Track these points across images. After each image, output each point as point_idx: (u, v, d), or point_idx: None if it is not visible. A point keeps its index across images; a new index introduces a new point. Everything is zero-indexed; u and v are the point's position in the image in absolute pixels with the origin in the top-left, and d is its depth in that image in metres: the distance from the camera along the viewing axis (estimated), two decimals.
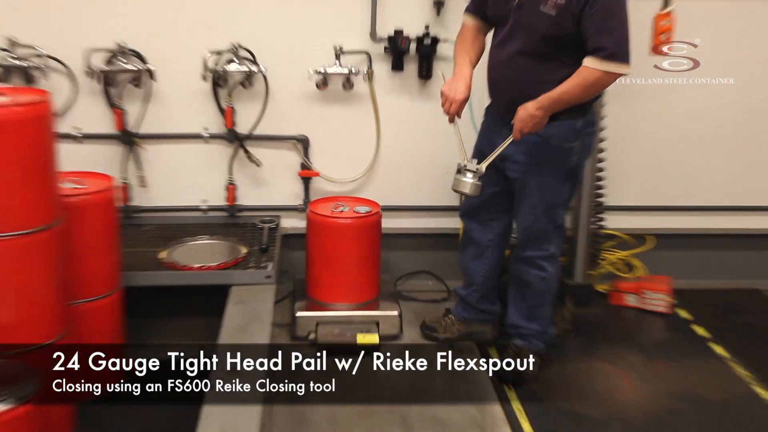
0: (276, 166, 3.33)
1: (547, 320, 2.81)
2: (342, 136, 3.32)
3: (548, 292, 2.77)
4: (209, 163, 3.31)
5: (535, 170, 2.56)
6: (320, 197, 3.27)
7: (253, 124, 3.24)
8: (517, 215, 2.66)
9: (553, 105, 2.39)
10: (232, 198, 3.32)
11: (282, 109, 3.26)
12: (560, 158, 2.54)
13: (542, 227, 2.64)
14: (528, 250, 2.69)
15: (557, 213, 2.64)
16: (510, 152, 2.55)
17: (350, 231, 3.01)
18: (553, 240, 2.67)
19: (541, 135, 2.47)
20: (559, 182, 2.58)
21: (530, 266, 2.71)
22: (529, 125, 2.43)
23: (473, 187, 2.53)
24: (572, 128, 2.50)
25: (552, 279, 2.74)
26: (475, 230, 2.86)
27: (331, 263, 3.02)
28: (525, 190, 2.59)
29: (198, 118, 3.24)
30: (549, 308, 2.80)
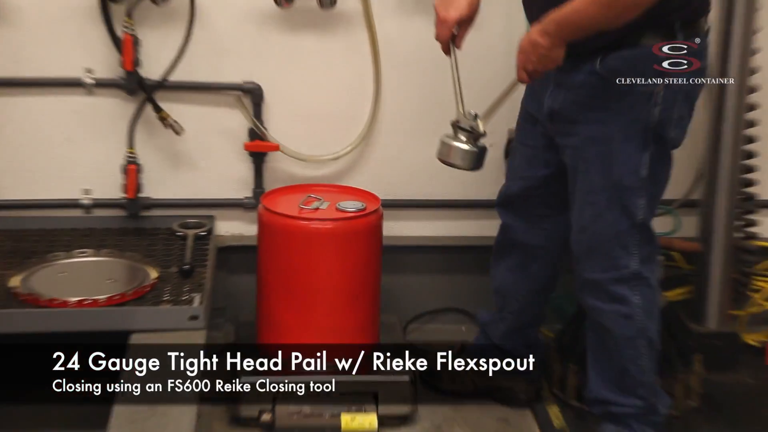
0: (207, 134, 3.23)
1: (653, 389, 2.73)
2: (317, 85, 3.24)
3: (643, 339, 2.69)
4: (95, 130, 3.21)
5: (593, 129, 2.55)
6: (281, 185, 3.15)
7: (169, 64, 3.13)
8: (572, 210, 2.70)
9: (563, 29, 2.44)
10: (134, 187, 3.21)
11: (218, 39, 3.17)
12: (632, 109, 2.51)
13: (610, 226, 2.59)
14: (592, 270, 2.65)
15: (635, 202, 2.59)
16: (554, 104, 2.61)
17: (331, 241, 2.90)
18: (633, 249, 2.62)
19: (600, 70, 2.50)
20: (632, 149, 2.54)
21: (600, 298, 2.66)
22: (534, 59, 2.49)
23: (466, 156, 2.60)
24: (649, 59, 2.47)
25: (644, 316, 2.67)
26: (516, 229, 2.89)
27: (299, 295, 2.91)
28: (580, 164, 2.61)
29: (75, 53, 3.16)
30: (652, 367, 2.72)
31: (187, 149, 3.25)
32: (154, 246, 3.13)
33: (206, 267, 3.00)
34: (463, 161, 2.61)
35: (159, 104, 3.13)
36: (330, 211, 2.91)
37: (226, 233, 3.31)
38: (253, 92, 3.15)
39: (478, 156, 2.62)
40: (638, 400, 2.75)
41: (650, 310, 2.69)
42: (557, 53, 2.49)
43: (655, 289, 2.71)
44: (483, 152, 2.63)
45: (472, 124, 2.61)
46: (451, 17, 2.62)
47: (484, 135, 2.61)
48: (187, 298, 2.80)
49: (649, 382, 2.73)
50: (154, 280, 2.89)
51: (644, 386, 2.74)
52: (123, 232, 3.22)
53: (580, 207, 2.66)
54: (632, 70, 2.51)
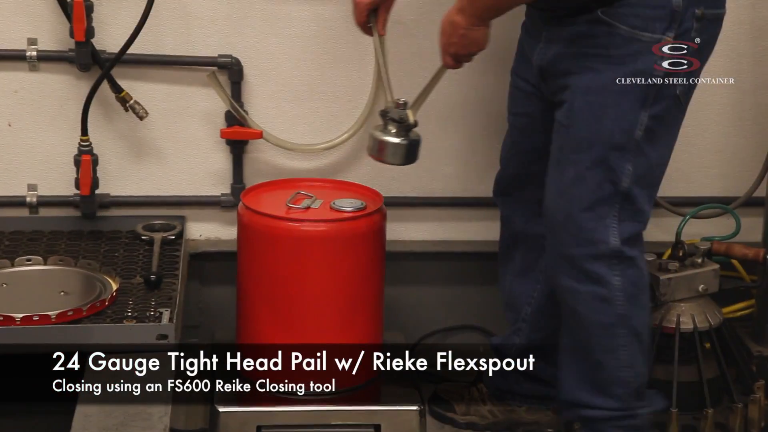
0: (176, 118, 3.23)
1: (636, 389, 2.75)
2: (307, 59, 3.23)
3: (623, 328, 2.71)
4: (41, 113, 3.20)
5: (586, 78, 2.60)
6: (265, 180, 3.15)
7: (129, 34, 3.08)
8: (550, 172, 2.74)
9: (476, 6, 2.57)
10: (89, 182, 3.18)
11: (188, 3, 3.18)
12: (635, 58, 2.58)
13: (592, 191, 2.64)
14: (566, 244, 2.70)
15: (622, 165, 2.63)
16: (542, 60, 2.68)
17: (325, 247, 2.90)
18: (612, 222, 2.66)
19: (604, 19, 2.55)
20: (629, 104, 2.59)
21: (574, 277, 2.71)
22: (455, 41, 2.61)
23: (396, 150, 2.71)
24: (662, 8, 2.55)
25: (625, 301, 2.69)
26: (517, 220, 2.95)
27: (287, 310, 2.91)
28: (567, 118, 2.66)
29: (16, 20, 3.14)
30: (636, 363, 2.74)
31: (152, 137, 3.22)
32: (113, 252, 3.10)
33: (176, 277, 2.99)
34: (393, 157, 2.73)
35: (118, 82, 3.07)
36: (323, 211, 2.90)
37: (199, 237, 3.30)
38: (230, 68, 3.12)
39: (409, 149, 2.73)
40: (614, 401, 2.74)
41: (634, 294, 2.70)
42: (478, 34, 2.61)
43: (642, 271, 2.73)
44: (415, 144, 2.73)
45: (402, 115, 2.72)
46: (362, 1, 2.74)
47: (415, 125, 2.72)
48: (154, 314, 2.80)
49: (628, 380, 2.74)
50: (115, 292, 2.85)
51: (623, 384, 2.73)
52: (76, 235, 3.18)
53: (561, 167, 2.69)
54: (637, 20, 2.56)
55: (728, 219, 3.16)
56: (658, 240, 3.26)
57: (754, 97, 3.30)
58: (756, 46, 3.17)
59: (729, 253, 3.06)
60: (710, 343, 2.95)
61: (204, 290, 3.31)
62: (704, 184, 3.28)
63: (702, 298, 2.95)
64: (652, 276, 2.95)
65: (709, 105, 3.22)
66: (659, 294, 2.92)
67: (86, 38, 3.03)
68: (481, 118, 3.24)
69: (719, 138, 3.26)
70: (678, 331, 2.91)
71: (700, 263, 2.96)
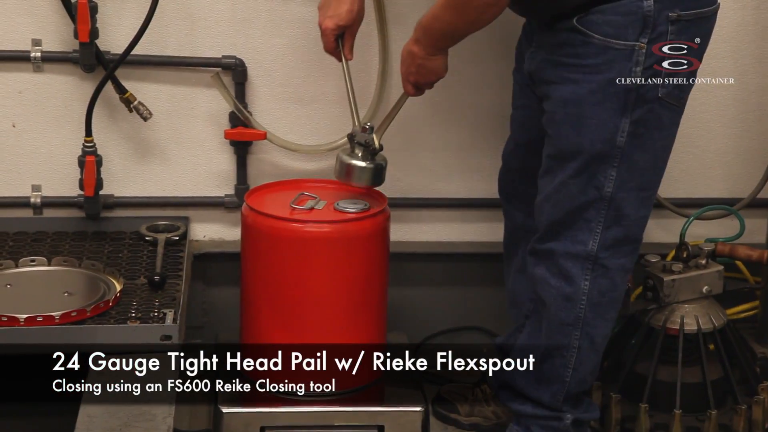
0: (181, 119, 3.23)
1: (575, 395, 2.81)
2: (311, 60, 3.21)
3: (579, 332, 2.76)
4: (45, 114, 3.19)
5: (564, 90, 2.64)
6: (269, 181, 3.13)
7: (133, 35, 3.07)
8: (539, 176, 2.79)
9: (430, 37, 2.66)
10: (93, 183, 3.17)
11: (192, 4, 3.16)
12: (609, 67, 2.60)
13: (574, 197, 2.68)
14: (548, 239, 2.76)
15: (604, 172, 2.66)
16: (531, 65, 2.72)
17: (329, 248, 2.89)
18: (596, 227, 2.70)
19: (579, 28, 2.58)
20: (608, 113, 2.61)
21: (549, 269, 2.76)
22: (413, 70, 2.71)
23: (362, 174, 2.82)
24: (633, 14, 2.57)
25: (588, 306, 2.73)
26: (518, 216, 2.97)
27: (291, 311, 2.91)
28: (551, 128, 2.71)
29: (20, 21, 3.13)
30: (583, 370, 2.79)
31: (156, 138, 3.21)
32: (117, 253, 3.09)
33: (180, 278, 2.97)
34: (359, 180, 2.83)
35: (122, 83, 3.05)
36: (327, 212, 2.89)
37: (203, 238, 3.30)
38: (234, 69, 3.11)
39: (375, 172, 2.83)
40: (547, 397, 2.80)
41: (599, 303, 2.73)
42: (435, 63, 2.69)
43: (615, 286, 2.74)
44: (380, 168, 2.83)
45: (368, 139, 2.82)
46: (327, 27, 2.81)
47: (380, 150, 2.81)
48: (158, 315, 2.79)
49: (567, 381, 2.77)
50: (118, 293, 2.83)
51: (562, 384, 2.78)
52: (80, 236, 3.18)
53: (549, 174, 2.73)
54: (609, 28, 2.58)
55: (732, 220, 3.17)
56: (662, 241, 3.28)
57: (759, 98, 3.30)
58: (760, 47, 3.16)
59: (733, 255, 3.06)
60: (714, 345, 2.95)
61: (208, 291, 3.32)
62: (708, 185, 3.28)
63: (706, 299, 2.95)
64: (656, 277, 2.96)
65: (713, 106, 3.21)
66: (663, 295, 2.92)
67: (90, 39, 3.02)
68: (485, 119, 3.24)
69: (723, 139, 3.25)
70: (682, 332, 2.90)
71: (704, 264, 2.96)
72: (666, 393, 2.91)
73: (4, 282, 2.92)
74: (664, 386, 2.92)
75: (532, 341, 2.88)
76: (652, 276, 2.93)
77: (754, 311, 3.21)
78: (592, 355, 2.79)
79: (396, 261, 3.05)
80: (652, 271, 2.94)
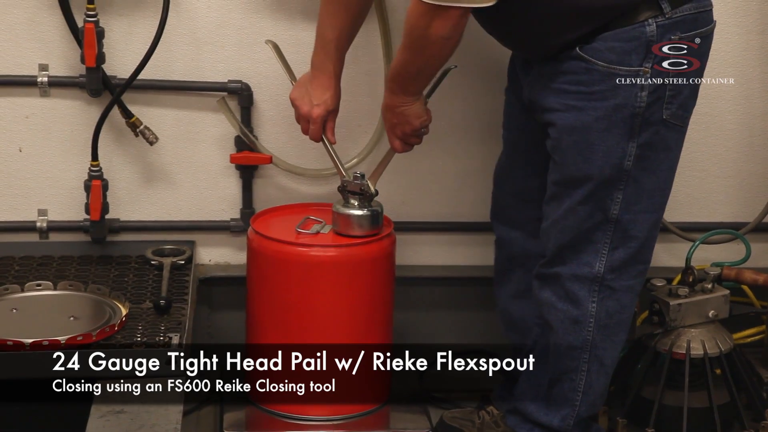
0: (186, 143, 3.23)
1: (584, 420, 2.80)
2: None
3: (587, 354, 2.75)
4: (52, 138, 3.20)
5: (569, 117, 2.65)
6: (275, 205, 3.15)
7: (139, 60, 3.08)
8: (545, 201, 2.79)
9: (399, 82, 2.70)
10: (99, 207, 3.17)
11: (198, 29, 3.16)
12: (614, 93, 2.62)
13: (583, 221, 2.69)
14: (554, 263, 2.76)
15: (611, 195, 2.67)
16: (530, 93, 2.73)
17: (335, 272, 2.90)
18: (603, 248, 2.70)
19: (582, 56, 2.60)
20: (615, 139, 2.62)
21: (556, 293, 2.76)
22: (395, 121, 2.76)
23: (363, 221, 2.84)
24: (636, 40, 2.59)
25: (595, 329, 2.73)
26: (514, 241, 2.97)
27: (297, 335, 2.91)
28: (557, 155, 2.72)
29: (27, 46, 3.13)
30: (593, 392, 2.77)
31: (162, 162, 3.20)
32: (123, 277, 3.08)
33: (186, 302, 2.96)
34: (361, 228, 2.84)
35: (128, 108, 3.05)
36: (333, 236, 2.90)
37: (209, 262, 3.30)
38: (240, 93, 3.10)
39: (374, 218, 2.84)
40: (557, 421, 2.77)
41: (607, 325, 2.72)
42: (413, 108, 2.73)
43: (623, 308, 2.74)
44: (377, 214, 2.86)
45: (362, 185, 2.84)
46: (318, 115, 2.83)
47: (376, 194, 2.84)
48: (164, 339, 2.77)
49: (578, 406, 2.76)
50: (124, 317, 2.82)
51: (572, 408, 2.77)
52: (86, 260, 3.17)
53: (556, 200, 2.73)
54: (611, 54, 2.60)
55: (738, 244, 3.15)
56: (668, 265, 3.27)
57: (764, 122, 3.30)
58: (765, 71, 3.15)
59: (739, 279, 3.05)
60: (721, 369, 2.93)
61: (213, 315, 3.30)
62: (714, 209, 3.27)
63: (712, 323, 2.94)
64: (662, 301, 2.95)
65: (719, 131, 3.20)
66: (669, 319, 2.91)
67: (97, 64, 3.01)
68: (490, 142, 3.21)
69: (729, 164, 3.24)
70: (688, 356, 2.89)
71: (710, 289, 2.95)
72: (673, 418, 2.89)
73: (10, 306, 2.90)
74: (671, 411, 2.91)
75: (539, 366, 2.86)
76: (658, 300, 2.92)
77: (760, 336, 3.17)
78: (601, 378, 2.79)
79: (401, 285, 3.05)
80: (658, 296, 2.93)
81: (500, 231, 3.00)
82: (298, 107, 2.87)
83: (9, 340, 2.71)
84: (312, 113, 2.84)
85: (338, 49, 2.83)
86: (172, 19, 3.06)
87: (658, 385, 2.90)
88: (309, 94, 2.85)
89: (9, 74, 3.10)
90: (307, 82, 2.86)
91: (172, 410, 2.60)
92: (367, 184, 2.86)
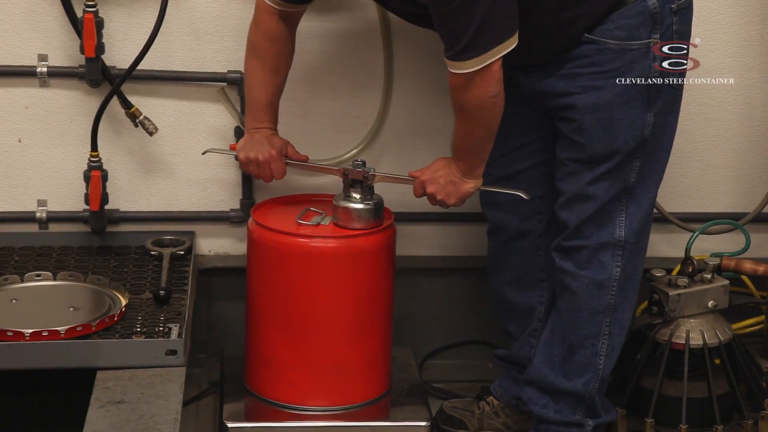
0: (186, 133, 3.24)
1: (600, 380, 2.83)
2: (315, 75, 3.23)
3: (609, 317, 2.80)
4: (51, 129, 3.20)
5: (589, 97, 2.70)
6: (275, 196, 3.17)
7: (139, 50, 3.09)
8: (563, 178, 2.82)
9: (464, 158, 2.74)
10: (98, 198, 3.18)
11: (198, 20, 3.16)
12: (630, 67, 2.69)
13: (605, 191, 2.75)
14: (577, 236, 2.81)
15: (631, 163, 2.73)
16: (534, 84, 2.76)
17: (335, 263, 2.92)
18: (621, 214, 2.78)
19: (590, 38, 2.68)
20: (636, 111, 2.69)
21: (578, 263, 2.81)
22: (441, 183, 2.78)
23: (362, 213, 2.84)
24: (642, 14, 2.67)
25: (618, 292, 2.78)
26: (509, 225, 2.97)
27: (296, 326, 2.93)
28: (577, 136, 2.75)
29: (26, 36, 3.14)
30: (611, 357, 2.84)
31: (161, 152, 3.20)
32: (122, 267, 3.10)
33: (185, 292, 2.96)
34: (362, 221, 2.85)
35: (128, 98, 3.05)
36: (333, 227, 2.91)
37: (208, 252, 3.30)
38: (239, 84, 3.09)
39: (375, 211, 2.85)
40: (580, 386, 2.80)
41: (626, 288, 2.79)
42: (465, 188, 2.76)
43: (635, 268, 2.81)
44: (380, 206, 2.86)
45: (365, 173, 2.84)
46: (276, 151, 2.84)
47: (373, 185, 2.86)
48: (163, 330, 2.78)
49: (602, 369, 2.81)
50: (124, 308, 2.82)
51: (596, 372, 2.81)
52: (86, 250, 3.19)
53: (573, 175, 2.78)
54: (621, 31, 2.67)
55: (738, 235, 3.15)
56: (668, 256, 3.27)
57: (764, 112, 3.29)
58: (765, 61, 3.16)
59: (739, 269, 3.05)
60: (720, 360, 2.94)
61: (213, 306, 3.31)
62: (714, 199, 3.27)
63: (711, 314, 2.95)
64: (662, 291, 2.96)
65: (718, 121, 3.20)
66: (668, 310, 2.91)
67: (96, 54, 3.02)
68: None
69: (729, 154, 3.24)
70: (687, 347, 2.90)
71: (710, 279, 2.95)
72: (672, 408, 2.90)
73: (10, 297, 2.91)
74: (670, 401, 2.92)
75: (556, 338, 2.89)
76: (657, 290, 2.93)
77: (759, 326, 3.19)
78: (620, 340, 2.84)
79: (401, 276, 3.05)
80: (658, 286, 2.94)
81: (493, 216, 3.01)
82: (254, 158, 2.88)
83: (9, 330, 2.70)
84: (271, 152, 2.86)
85: (272, 105, 2.89)
86: (172, 9, 3.06)
87: (658, 376, 2.91)
88: (258, 144, 2.88)
89: (8, 64, 3.11)
90: (248, 141, 2.89)
91: (172, 400, 2.60)
92: (367, 171, 2.86)
